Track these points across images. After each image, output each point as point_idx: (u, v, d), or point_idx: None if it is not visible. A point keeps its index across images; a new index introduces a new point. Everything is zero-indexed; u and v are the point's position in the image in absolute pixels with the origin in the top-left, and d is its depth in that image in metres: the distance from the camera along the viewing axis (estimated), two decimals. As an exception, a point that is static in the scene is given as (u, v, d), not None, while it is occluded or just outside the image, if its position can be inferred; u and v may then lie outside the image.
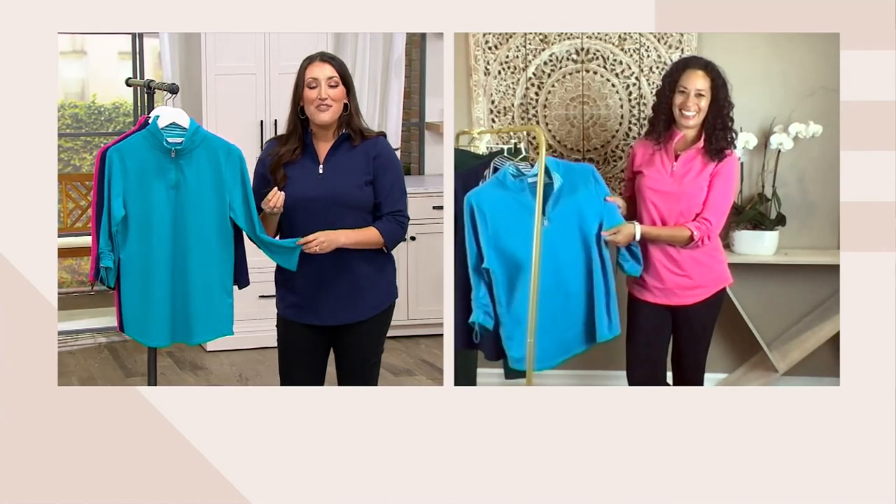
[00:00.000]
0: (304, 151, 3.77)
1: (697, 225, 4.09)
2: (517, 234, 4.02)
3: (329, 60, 3.74)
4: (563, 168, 4.07)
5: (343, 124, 3.78)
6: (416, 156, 7.29)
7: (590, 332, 4.14)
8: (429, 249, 6.44)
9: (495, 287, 4.08)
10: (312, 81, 3.70)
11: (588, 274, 4.09)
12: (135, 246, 3.81)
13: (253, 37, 6.07)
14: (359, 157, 3.76)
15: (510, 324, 4.09)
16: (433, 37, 7.04)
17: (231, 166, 3.81)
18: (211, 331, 3.94)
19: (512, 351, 4.11)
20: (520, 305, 4.05)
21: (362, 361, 3.86)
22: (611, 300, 4.14)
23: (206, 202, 3.82)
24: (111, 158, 3.78)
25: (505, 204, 4.04)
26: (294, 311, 3.82)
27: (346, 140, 3.77)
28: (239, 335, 4.04)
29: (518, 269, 4.04)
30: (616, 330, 4.16)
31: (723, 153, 4.12)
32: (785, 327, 5.23)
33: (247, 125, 6.09)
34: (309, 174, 3.75)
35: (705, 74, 4.10)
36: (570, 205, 4.04)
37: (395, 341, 6.44)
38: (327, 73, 3.71)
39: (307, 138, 3.78)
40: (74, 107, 10.21)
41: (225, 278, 3.90)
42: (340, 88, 3.73)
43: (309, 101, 3.71)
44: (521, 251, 4.02)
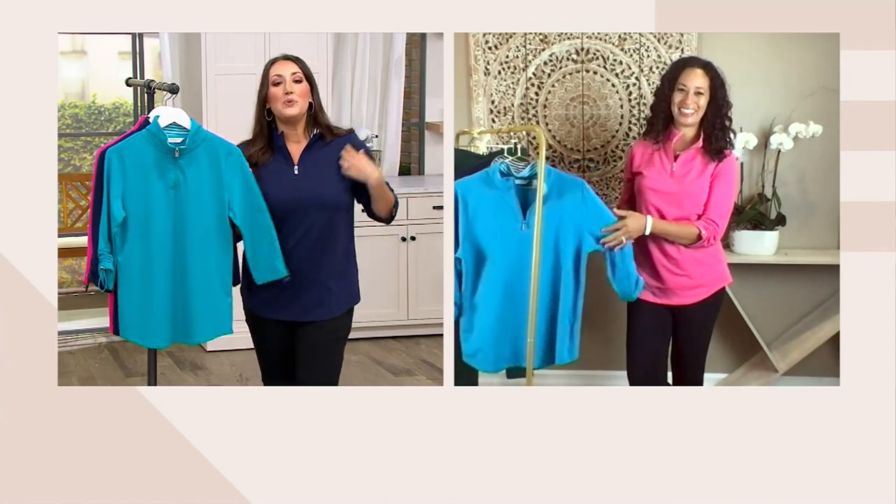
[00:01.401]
0: (275, 153, 3.81)
1: (705, 225, 4.09)
2: (492, 232, 4.01)
3: (293, 59, 3.82)
4: (553, 176, 4.05)
5: (311, 123, 3.83)
6: (416, 156, 7.29)
7: (548, 351, 4.10)
8: (428, 249, 6.44)
9: (465, 278, 4.07)
10: (277, 78, 3.75)
11: (552, 286, 4.03)
12: (134, 247, 3.80)
13: (253, 37, 6.07)
14: (333, 154, 3.79)
15: (468, 318, 4.08)
16: (433, 37, 7.04)
17: (231, 166, 3.81)
18: (211, 330, 3.93)
19: (465, 345, 4.10)
20: (480, 303, 4.04)
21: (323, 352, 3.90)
22: (576, 323, 4.08)
23: (206, 202, 3.81)
24: (110, 159, 3.76)
25: (488, 200, 4.03)
26: (264, 307, 3.87)
27: (319, 139, 3.82)
28: (239, 335, 4.04)
29: (483, 266, 4.03)
30: (575, 354, 4.10)
31: (722, 153, 4.12)
32: (785, 327, 5.23)
33: (247, 125, 6.02)
34: (283, 175, 3.78)
35: (704, 73, 4.10)
36: (550, 214, 3.99)
37: (395, 341, 6.45)
38: (291, 69, 3.77)
39: (279, 141, 3.81)
40: (74, 107, 10.22)
41: (224, 277, 3.90)
42: (304, 85, 3.78)
43: (275, 99, 3.76)
44: (490, 248, 4.01)
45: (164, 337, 3.89)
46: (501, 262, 4.00)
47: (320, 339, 3.86)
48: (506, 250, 3.99)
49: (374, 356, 6.21)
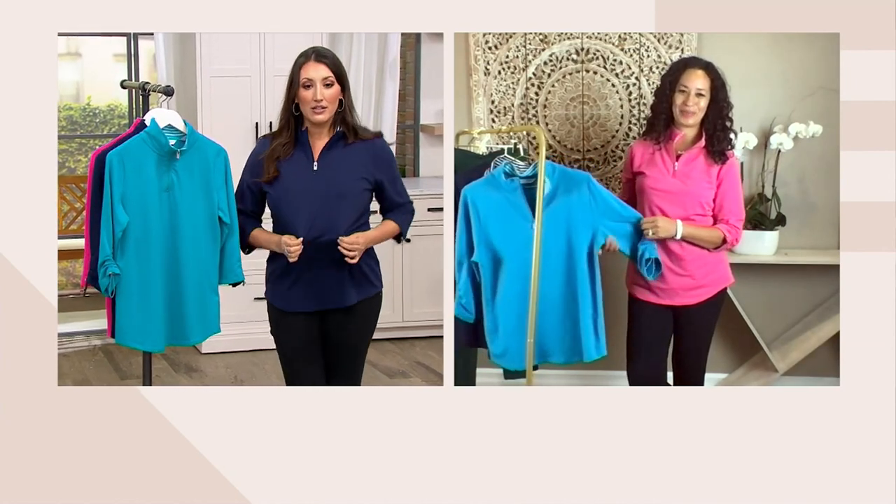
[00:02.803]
0: (297, 147, 3.78)
1: (729, 229, 4.12)
2: (504, 233, 4.01)
3: (324, 60, 3.73)
4: (558, 173, 4.05)
5: (338, 121, 3.79)
6: (411, 158, 7.28)
7: (573, 347, 4.08)
8: (424, 251, 6.43)
9: (483, 282, 4.07)
10: (307, 82, 3.69)
11: (568, 283, 4.03)
12: (132, 251, 3.79)
13: (248, 39, 6.06)
14: (355, 155, 3.77)
15: (492, 321, 4.08)
16: (428, 38, 7.04)
17: (218, 167, 3.84)
18: (203, 331, 3.95)
19: (492, 346, 4.10)
20: (501, 303, 4.04)
21: (352, 348, 3.91)
22: (598, 319, 4.07)
23: (198, 203, 3.82)
24: (111, 162, 3.75)
25: (496, 202, 4.03)
26: (296, 299, 3.83)
27: (341, 139, 3.78)
28: (233, 337, 4.05)
29: (500, 268, 4.03)
30: (603, 350, 4.09)
31: (724, 154, 4.13)
32: (785, 327, 5.23)
33: (241, 127, 6.07)
34: (303, 170, 3.75)
35: (705, 74, 4.11)
36: (558, 210, 4.01)
37: (389, 343, 6.43)
38: (322, 73, 3.69)
39: (303, 136, 3.78)
40: (69, 109, 10.18)
41: (212, 277, 3.92)
42: (336, 88, 3.73)
43: (304, 102, 3.71)
44: (505, 250, 4.01)
45: (160, 340, 3.90)
46: (517, 261, 3.99)
47: (350, 325, 3.86)
48: (519, 250, 3.98)
49: (369, 358, 6.08)
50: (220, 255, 3.89)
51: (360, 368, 3.97)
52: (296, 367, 3.88)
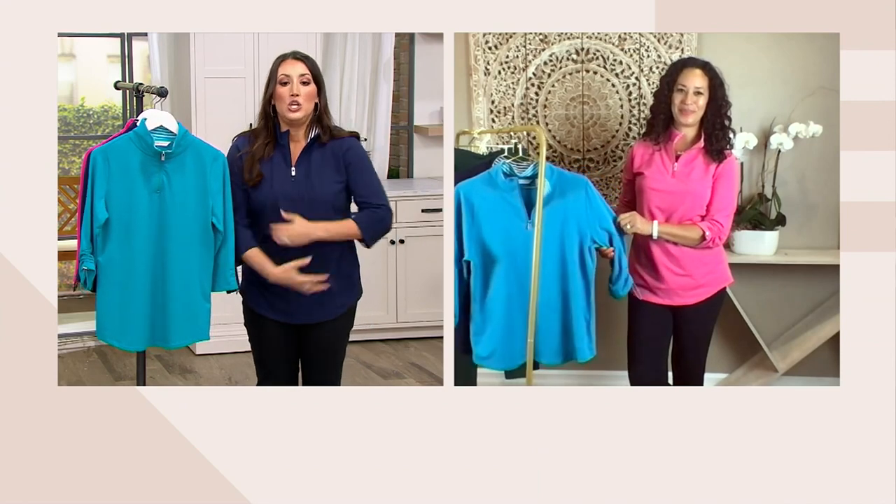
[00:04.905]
0: (276, 150, 3.80)
1: (709, 226, 4.10)
2: (498, 233, 4.00)
3: (302, 59, 3.79)
4: (556, 175, 4.04)
5: (314, 124, 3.81)
6: (405, 159, 7.28)
7: (564, 348, 4.09)
8: (418, 252, 6.44)
9: (473, 280, 4.06)
10: (285, 78, 3.74)
11: (561, 284, 4.03)
12: (115, 249, 3.78)
13: (242, 40, 6.05)
14: (328, 157, 3.79)
15: (480, 321, 4.06)
16: (422, 39, 7.03)
17: (216, 172, 3.82)
18: (188, 335, 3.92)
19: (477, 347, 4.08)
20: (491, 304, 4.03)
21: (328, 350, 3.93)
22: (591, 319, 4.08)
23: (190, 207, 3.80)
24: (95, 160, 3.76)
25: (492, 201, 4.02)
26: (266, 307, 3.87)
27: (316, 140, 3.80)
28: (228, 338, 4.04)
29: (493, 268, 4.02)
30: (594, 351, 4.11)
31: (723, 154, 4.13)
32: (785, 327, 5.24)
33: (236, 129, 5.96)
34: (281, 175, 3.78)
35: (703, 73, 4.11)
36: (554, 212, 4.00)
37: (384, 344, 6.43)
38: (299, 70, 3.75)
39: (283, 139, 3.80)
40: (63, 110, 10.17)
41: (204, 283, 3.88)
42: (312, 86, 3.77)
43: (280, 99, 3.74)
44: (498, 250, 4.00)
45: (140, 340, 3.89)
46: (509, 262, 3.99)
47: (323, 341, 3.88)
48: (513, 250, 3.98)
49: (363, 359, 6.19)
50: (214, 262, 3.88)
51: (339, 366, 3.99)
52: (269, 368, 3.96)
